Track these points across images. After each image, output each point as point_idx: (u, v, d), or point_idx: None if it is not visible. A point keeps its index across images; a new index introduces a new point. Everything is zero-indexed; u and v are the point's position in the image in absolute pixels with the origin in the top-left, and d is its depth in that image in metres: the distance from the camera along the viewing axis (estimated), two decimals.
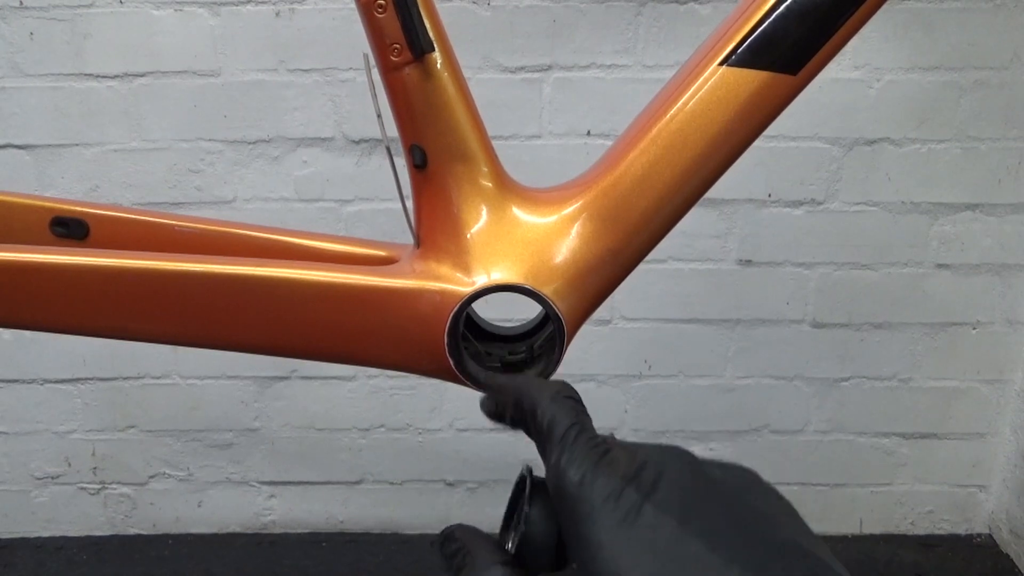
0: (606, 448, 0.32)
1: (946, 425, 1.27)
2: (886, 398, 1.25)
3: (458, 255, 0.49)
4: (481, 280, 0.49)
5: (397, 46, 0.46)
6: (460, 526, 0.36)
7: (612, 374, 1.24)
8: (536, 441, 0.34)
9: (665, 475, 0.30)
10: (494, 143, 0.51)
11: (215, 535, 1.33)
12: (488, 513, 1.31)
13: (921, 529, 1.33)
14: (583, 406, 0.34)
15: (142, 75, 1.09)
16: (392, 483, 1.31)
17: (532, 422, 0.34)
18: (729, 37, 0.47)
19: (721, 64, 0.47)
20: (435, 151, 0.49)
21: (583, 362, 1.22)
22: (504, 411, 0.37)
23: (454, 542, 0.35)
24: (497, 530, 0.36)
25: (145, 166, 1.13)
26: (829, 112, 1.10)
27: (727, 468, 0.32)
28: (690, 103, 0.48)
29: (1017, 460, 1.25)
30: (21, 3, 1.05)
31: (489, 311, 0.53)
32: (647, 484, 0.30)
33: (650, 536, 0.28)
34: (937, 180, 1.13)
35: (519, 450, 1.28)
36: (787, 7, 0.46)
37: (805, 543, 0.29)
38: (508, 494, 0.38)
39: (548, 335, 0.51)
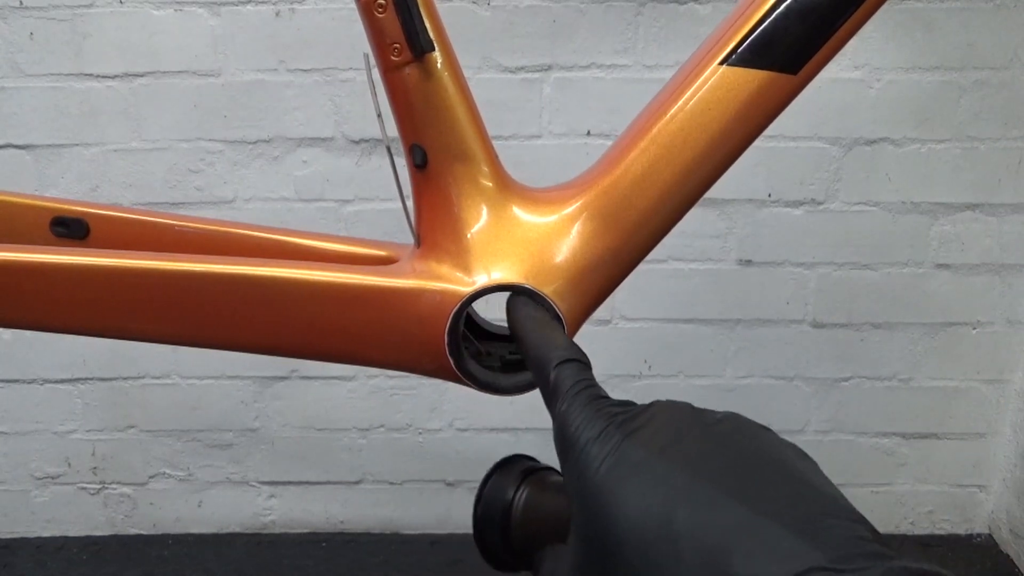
0: (605, 402, 0.34)
1: (946, 425, 1.27)
2: (886, 398, 1.25)
3: (458, 255, 0.49)
4: (481, 280, 0.49)
5: (397, 46, 0.46)
6: None
7: (612, 374, 1.24)
8: (544, 396, 0.37)
9: (655, 418, 0.31)
10: (494, 143, 0.51)
11: (215, 535, 1.33)
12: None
13: (921, 529, 1.33)
14: (589, 367, 0.37)
15: (142, 75, 1.09)
16: (392, 483, 1.31)
17: (542, 380, 0.37)
18: (729, 37, 0.47)
19: (721, 64, 0.47)
20: (435, 151, 0.49)
21: None
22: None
23: None
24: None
25: (145, 166, 1.13)
26: (829, 112, 1.10)
27: (726, 416, 0.32)
28: (690, 103, 0.48)
29: (1017, 460, 1.25)
30: (21, 3, 1.05)
31: (489, 311, 0.53)
32: (633, 426, 0.31)
33: (632, 474, 0.29)
34: (937, 180, 1.13)
35: (519, 450, 1.27)
36: (787, 7, 0.46)
37: (805, 475, 0.28)
38: None
39: None
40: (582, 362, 0.37)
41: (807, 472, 0.28)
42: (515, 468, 0.39)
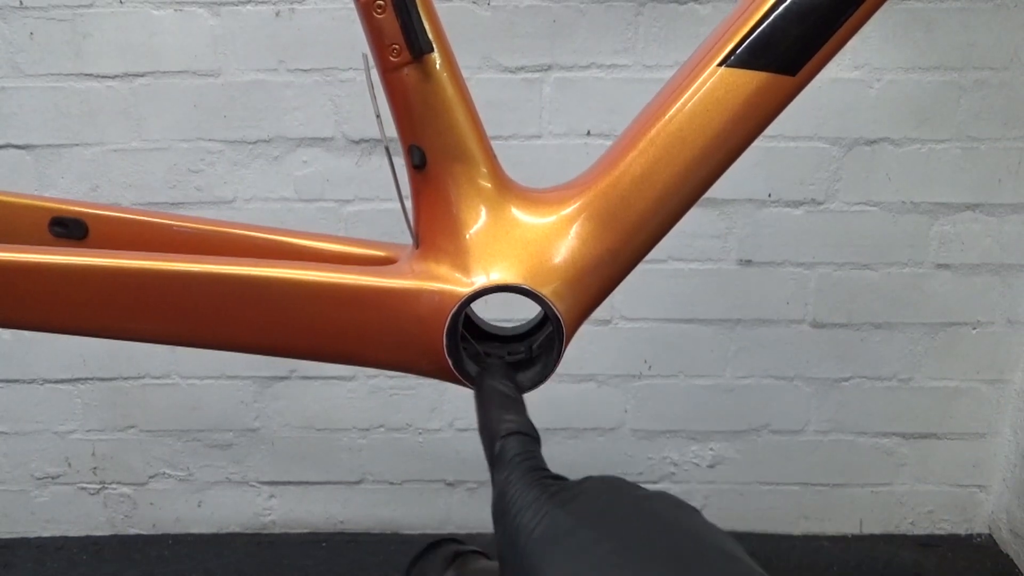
0: (542, 474, 0.35)
1: (946, 425, 1.27)
2: (886, 398, 1.25)
3: (457, 255, 0.49)
4: (480, 280, 0.49)
5: (396, 46, 0.46)
6: None
7: (612, 374, 1.24)
8: (489, 465, 0.39)
9: (586, 491, 0.33)
10: (494, 143, 0.51)
11: (215, 535, 1.33)
12: (488, 513, 1.31)
13: (921, 529, 1.33)
14: (536, 441, 0.39)
15: (142, 75, 1.09)
16: (392, 483, 1.31)
17: (489, 450, 0.39)
18: (728, 37, 0.47)
19: (720, 65, 0.47)
20: (434, 151, 0.49)
21: (583, 362, 1.22)
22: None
23: None
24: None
25: (145, 166, 1.13)
26: (829, 112, 1.10)
27: (655, 493, 0.33)
28: (689, 104, 0.48)
29: (1017, 460, 1.25)
30: (21, 3, 1.05)
31: (488, 312, 0.53)
32: (565, 497, 0.32)
33: (561, 540, 0.30)
34: (937, 180, 1.13)
35: None
36: (786, 7, 0.46)
37: (727, 549, 0.29)
38: None
39: (547, 335, 0.51)
40: (529, 436, 0.39)
41: (727, 546, 0.29)
42: (442, 552, 0.40)
